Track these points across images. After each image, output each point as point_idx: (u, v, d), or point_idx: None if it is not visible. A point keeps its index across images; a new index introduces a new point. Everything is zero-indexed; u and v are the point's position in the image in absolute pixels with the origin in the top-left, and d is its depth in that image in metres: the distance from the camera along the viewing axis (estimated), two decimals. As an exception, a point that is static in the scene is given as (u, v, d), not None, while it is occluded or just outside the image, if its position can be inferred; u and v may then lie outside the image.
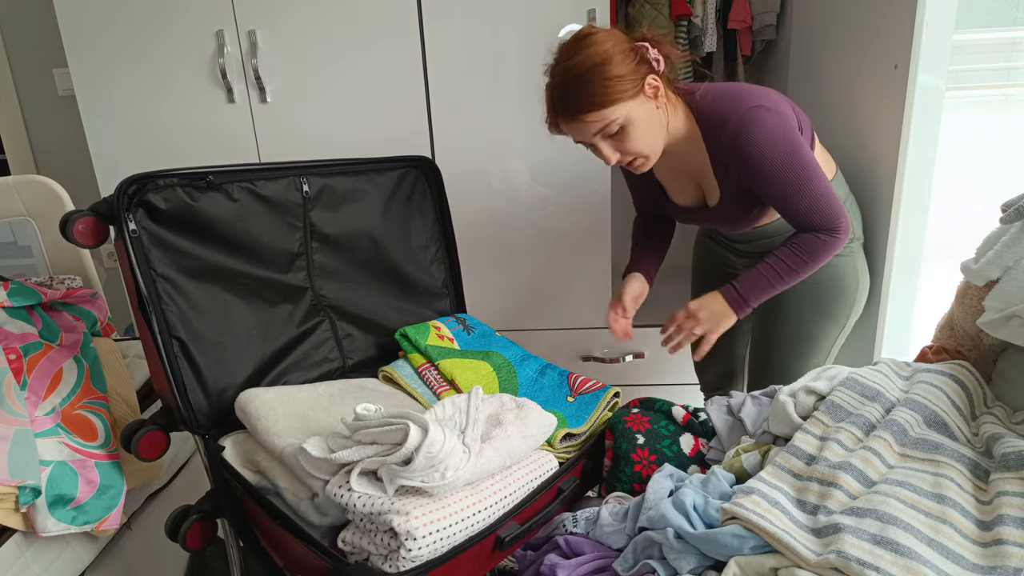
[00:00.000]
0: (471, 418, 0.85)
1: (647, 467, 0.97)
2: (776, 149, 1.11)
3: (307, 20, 1.67)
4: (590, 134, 1.12)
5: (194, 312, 1.02)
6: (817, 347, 1.33)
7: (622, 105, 1.09)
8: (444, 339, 1.23)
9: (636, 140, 1.13)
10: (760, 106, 1.12)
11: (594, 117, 1.09)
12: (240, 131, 1.76)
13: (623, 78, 1.07)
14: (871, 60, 1.36)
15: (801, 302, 1.30)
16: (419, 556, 0.77)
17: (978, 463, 0.80)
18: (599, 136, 1.12)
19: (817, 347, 1.33)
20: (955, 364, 0.97)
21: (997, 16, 1.45)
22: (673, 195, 1.35)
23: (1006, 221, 0.94)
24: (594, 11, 1.61)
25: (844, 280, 1.29)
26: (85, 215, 0.93)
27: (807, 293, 1.29)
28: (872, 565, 0.62)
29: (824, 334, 1.32)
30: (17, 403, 1.08)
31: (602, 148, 1.14)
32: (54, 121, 2.27)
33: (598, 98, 1.07)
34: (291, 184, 1.13)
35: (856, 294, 1.30)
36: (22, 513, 1.00)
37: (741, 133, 1.11)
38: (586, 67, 1.07)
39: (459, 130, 1.73)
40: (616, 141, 1.13)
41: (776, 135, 1.11)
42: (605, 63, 1.06)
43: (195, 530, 1.02)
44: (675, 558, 0.72)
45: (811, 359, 1.33)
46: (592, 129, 1.11)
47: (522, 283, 1.85)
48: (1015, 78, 1.47)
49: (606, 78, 1.06)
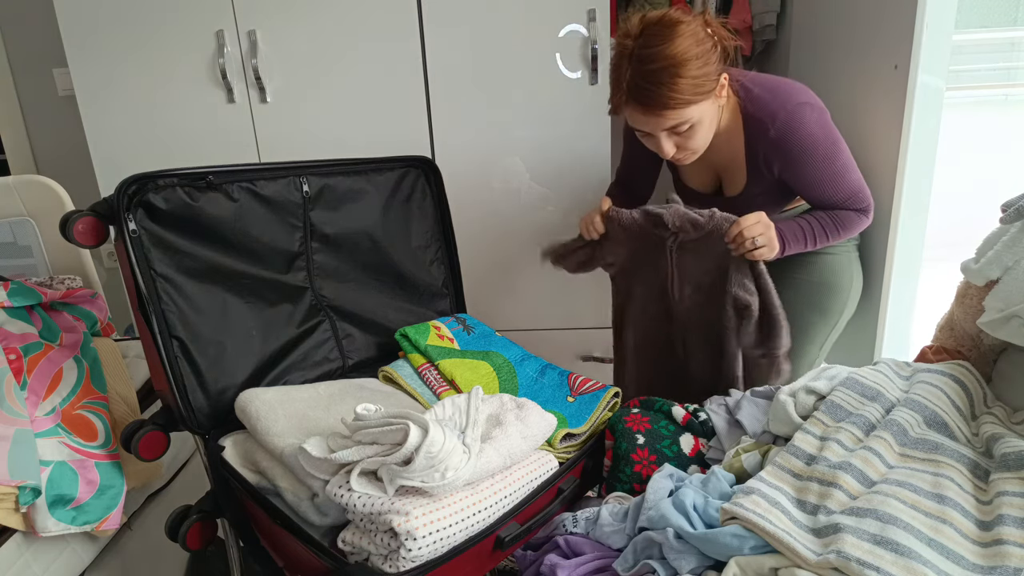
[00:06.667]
0: (471, 418, 0.85)
1: (647, 467, 0.97)
2: (820, 145, 1.15)
3: (307, 20, 1.67)
4: (659, 128, 1.11)
5: (194, 312, 1.02)
6: (810, 343, 1.34)
7: (700, 106, 1.09)
8: (444, 339, 1.23)
9: (698, 138, 1.14)
10: (806, 103, 1.16)
11: (672, 115, 1.08)
12: (240, 131, 1.76)
13: (706, 78, 1.07)
14: (871, 60, 1.36)
15: (799, 298, 1.32)
16: (419, 556, 0.77)
17: (978, 463, 0.80)
18: (666, 132, 1.12)
19: (810, 343, 1.34)
20: (955, 364, 0.97)
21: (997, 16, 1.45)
22: (687, 179, 1.37)
23: (1006, 221, 0.94)
24: (594, 11, 1.61)
25: (840, 277, 1.31)
26: (85, 215, 0.93)
27: (803, 288, 1.31)
28: (872, 565, 0.62)
29: (816, 331, 1.33)
30: (17, 403, 1.07)
31: (663, 142, 1.14)
32: (54, 121, 2.27)
33: (682, 97, 1.06)
34: (291, 184, 1.13)
35: (849, 292, 1.32)
36: (22, 513, 1.00)
37: (789, 129, 1.14)
38: (674, 63, 1.04)
39: (459, 130, 1.73)
40: (680, 137, 1.14)
41: (820, 132, 1.15)
42: (692, 60, 1.05)
43: (195, 530, 1.01)
44: (675, 558, 0.72)
45: (803, 357, 1.34)
46: (664, 124, 1.10)
47: (522, 283, 1.85)
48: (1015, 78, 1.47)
49: (693, 77, 1.05)
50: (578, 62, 1.66)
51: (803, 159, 1.16)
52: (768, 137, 1.17)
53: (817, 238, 1.21)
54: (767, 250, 1.13)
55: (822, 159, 1.16)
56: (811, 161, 1.16)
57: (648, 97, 1.08)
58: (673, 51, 1.04)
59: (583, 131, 1.70)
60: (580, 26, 1.63)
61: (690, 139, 1.14)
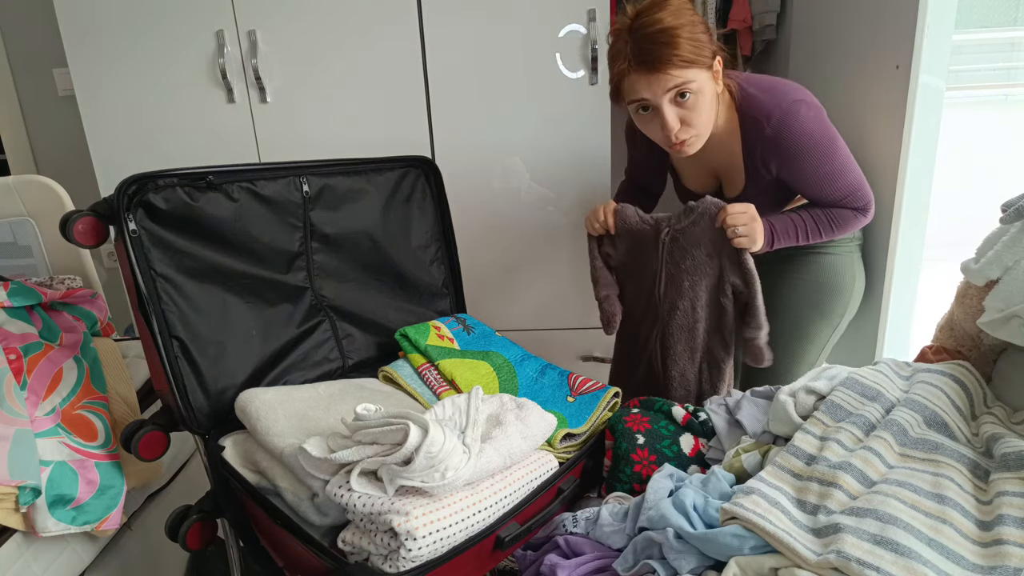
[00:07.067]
0: (471, 418, 0.85)
1: (647, 467, 0.97)
2: (816, 142, 1.16)
3: (307, 20, 1.67)
4: (663, 90, 1.11)
5: (194, 312, 1.02)
6: (811, 345, 1.34)
7: (701, 71, 1.11)
8: (444, 339, 1.23)
9: (700, 113, 1.14)
10: (801, 100, 1.16)
11: (677, 72, 1.09)
12: (240, 131, 1.76)
13: (702, 43, 1.10)
14: (872, 60, 1.36)
15: (798, 298, 1.32)
16: (419, 556, 0.77)
17: (978, 463, 0.80)
18: (670, 97, 1.12)
19: (811, 345, 1.34)
20: (955, 364, 0.97)
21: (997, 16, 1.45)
22: (686, 180, 1.37)
23: (1006, 221, 0.94)
24: (594, 11, 1.61)
25: (841, 278, 1.31)
26: (85, 215, 0.93)
27: (804, 289, 1.31)
28: (872, 565, 0.62)
29: (818, 332, 1.33)
30: (17, 403, 1.07)
31: (667, 113, 1.13)
32: (54, 121, 2.27)
33: (686, 54, 1.08)
34: (291, 184, 1.13)
35: (851, 293, 1.32)
36: (22, 513, 1.00)
37: (785, 127, 1.15)
38: (676, 24, 1.07)
39: (459, 130, 1.73)
40: (683, 109, 1.14)
41: (816, 129, 1.16)
42: (690, 24, 1.08)
43: (195, 530, 1.01)
44: (675, 558, 0.72)
45: (804, 358, 1.34)
46: (669, 84, 1.10)
47: (522, 283, 1.85)
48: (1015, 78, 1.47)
49: (695, 37, 1.08)
50: (578, 62, 1.66)
51: (800, 156, 1.17)
52: (764, 135, 1.17)
53: (810, 234, 1.22)
54: (747, 240, 1.15)
55: (819, 156, 1.17)
56: (808, 158, 1.17)
57: (650, 56, 1.09)
58: (670, 15, 1.08)
59: (583, 131, 1.70)
60: (580, 26, 1.63)
61: (692, 112, 1.13)
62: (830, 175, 1.18)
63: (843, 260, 1.31)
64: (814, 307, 1.32)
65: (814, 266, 1.31)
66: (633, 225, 1.29)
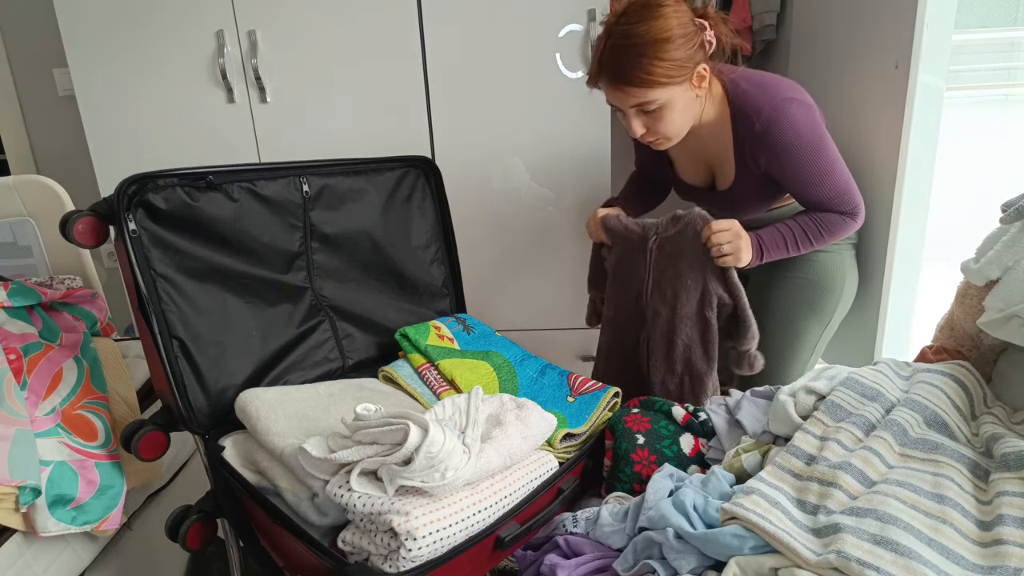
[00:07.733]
0: (471, 418, 0.85)
1: (647, 467, 0.97)
2: (804, 140, 1.15)
3: (307, 20, 1.67)
4: (626, 104, 1.14)
5: (194, 312, 1.02)
6: (803, 343, 1.34)
7: (668, 89, 1.10)
8: (444, 339, 1.23)
9: (668, 123, 1.16)
10: (792, 98, 1.16)
11: (637, 93, 1.10)
12: (240, 131, 1.76)
13: (678, 63, 1.08)
14: (871, 60, 1.36)
15: (789, 297, 1.32)
16: (419, 556, 0.77)
17: (978, 463, 0.80)
18: (634, 109, 1.14)
19: (803, 343, 1.34)
20: (955, 364, 0.97)
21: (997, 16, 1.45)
22: (681, 172, 1.38)
23: (1006, 221, 0.94)
24: (594, 11, 1.61)
25: (832, 276, 1.31)
26: (85, 215, 0.93)
27: (795, 288, 1.31)
28: (872, 565, 0.62)
29: (810, 330, 1.33)
30: (17, 403, 1.07)
31: (632, 120, 1.16)
32: (54, 121, 2.27)
33: (648, 76, 1.08)
34: (291, 184, 1.13)
35: (842, 291, 1.32)
36: (22, 513, 1.00)
37: (773, 123, 1.15)
38: (646, 41, 1.06)
39: (459, 130, 1.73)
40: (648, 118, 1.16)
41: (805, 127, 1.15)
42: (666, 42, 1.07)
43: (195, 530, 1.01)
44: (675, 558, 0.72)
45: (797, 356, 1.34)
46: (630, 102, 1.13)
47: (522, 283, 1.85)
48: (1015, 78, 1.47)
49: (662, 59, 1.07)
50: (578, 62, 1.66)
51: (787, 153, 1.17)
52: (754, 131, 1.17)
53: (800, 243, 1.21)
54: (731, 259, 1.16)
55: (806, 154, 1.16)
56: (795, 155, 1.16)
57: (614, 72, 1.10)
58: (646, 31, 1.07)
59: (583, 131, 1.70)
60: (580, 26, 1.63)
61: (659, 122, 1.15)
62: (817, 175, 1.18)
63: (835, 259, 1.31)
64: (805, 304, 1.32)
65: (805, 264, 1.31)
66: (619, 231, 1.31)
